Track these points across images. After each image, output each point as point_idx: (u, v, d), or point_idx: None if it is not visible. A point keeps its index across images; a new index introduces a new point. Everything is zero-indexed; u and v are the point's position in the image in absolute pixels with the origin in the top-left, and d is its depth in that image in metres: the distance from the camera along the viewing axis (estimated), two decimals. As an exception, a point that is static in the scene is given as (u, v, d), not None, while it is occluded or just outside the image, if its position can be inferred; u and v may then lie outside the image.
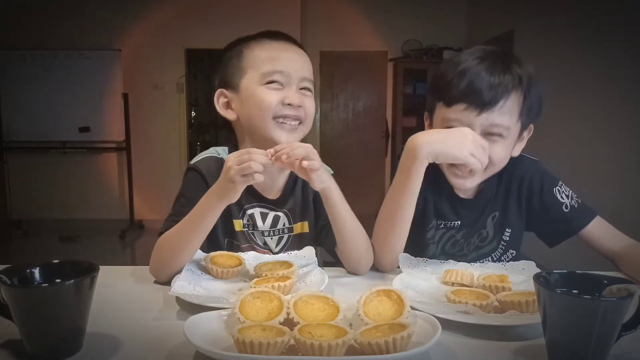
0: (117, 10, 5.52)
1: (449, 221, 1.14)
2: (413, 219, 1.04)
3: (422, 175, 0.99)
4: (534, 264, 0.97)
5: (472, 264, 1.00)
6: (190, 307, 0.79)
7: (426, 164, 0.98)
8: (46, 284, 0.67)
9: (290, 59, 1.07)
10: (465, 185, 1.07)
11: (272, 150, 0.90)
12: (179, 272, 0.92)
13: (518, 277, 0.92)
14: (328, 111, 6.26)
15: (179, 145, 5.80)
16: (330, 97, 6.24)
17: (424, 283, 0.91)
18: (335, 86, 6.23)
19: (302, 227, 1.13)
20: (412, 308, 0.72)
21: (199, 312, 0.71)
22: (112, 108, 5.46)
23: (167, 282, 0.92)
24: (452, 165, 1.04)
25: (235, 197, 0.91)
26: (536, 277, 0.64)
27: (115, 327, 0.73)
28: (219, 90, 1.11)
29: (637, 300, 0.61)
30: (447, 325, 0.70)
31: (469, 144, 0.95)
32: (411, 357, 0.60)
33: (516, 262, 1.00)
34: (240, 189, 0.90)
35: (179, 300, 0.82)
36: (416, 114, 5.99)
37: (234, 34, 1.12)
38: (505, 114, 1.00)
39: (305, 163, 0.89)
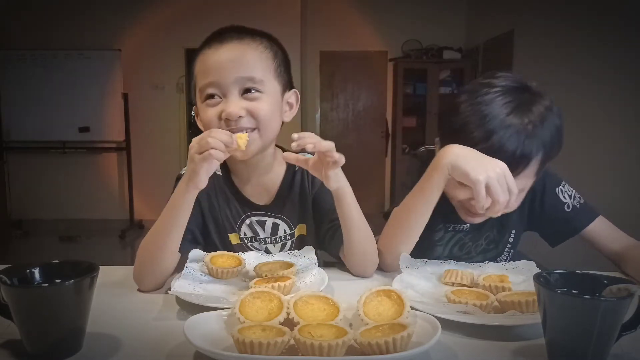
0: (117, 10, 5.52)
1: (458, 224, 1.13)
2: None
3: (442, 186, 0.93)
4: (534, 264, 0.97)
5: (472, 264, 1.00)
6: (190, 307, 0.79)
7: (446, 174, 0.91)
8: (46, 284, 0.67)
9: (220, 64, 0.95)
10: (474, 221, 1.05)
11: (295, 135, 0.84)
12: (161, 278, 0.91)
13: (518, 277, 0.92)
14: (328, 111, 6.26)
15: (179, 145, 5.79)
16: (330, 97, 6.24)
17: (424, 283, 0.91)
18: (335, 86, 6.22)
19: (300, 230, 1.10)
20: (412, 308, 0.72)
21: (199, 312, 0.71)
22: (112, 108, 5.46)
23: (151, 290, 0.90)
24: (461, 201, 1.01)
25: (199, 181, 0.85)
26: (536, 277, 0.64)
27: (115, 327, 0.73)
28: (194, 107, 1.06)
29: (637, 300, 0.61)
30: (447, 325, 0.70)
31: (491, 173, 0.85)
32: (411, 357, 0.60)
33: (516, 262, 0.99)
34: (201, 169, 0.84)
35: (179, 300, 0.82)
36: (416, 114, 6.00)
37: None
38: (522, 179, 0.94)
39: (336, 155, 0.85)
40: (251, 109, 0.95)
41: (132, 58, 5.54)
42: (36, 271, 0.68)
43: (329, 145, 0.85)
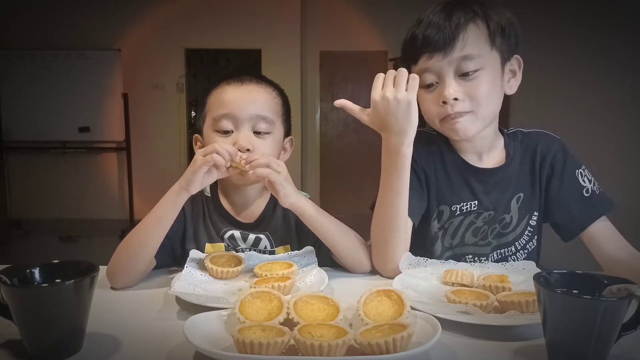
0: (117, 10, 5.51)
1: (464, 202, 1.06)
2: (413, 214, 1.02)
3: (410, 166, 0.97)
4: (534, 264, 0.97)
5: (472, 264, 1.00)
6: (190, 307, 0.79)
7: (411, 151, 0.95)
8: (46, 284, 0.67)
9: (240, 100, 1.04)
10: (468, 130, 0.99)
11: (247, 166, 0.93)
12: (134, 278, 0.93)
13: (518, 277, 0.92)
14: (328, 111, 6.25)
15: (179, 145, 5.79)
16: (330, 97, 6.23)
17: (424, 283, 0.91)
18: (335, 86, 6.22)
19: (285, 250, 1.10)
20: (412, 308, 0.72)
21: (199, 312, 0.71)
22: (112, 108, 5.45)
23: (121, 288, 0.92)
24: (443, 120, 1.00)
25: (192, 184, 0.91)
26: (536, 277, 0.64)
27: (115, 327, 0.73)
28: (195, 135, 1.13)
29: (637, 300, 0.61)
30: (447, 325, 0.70)
31: (410, 92, 0.92)
32: (411, 357, 0.60)
33: (516, 262, 0.99)
34: (199, 172, 0.90)
35: (179, 300, 0.82)
36: (416, 114, 5.98)
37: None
38: (471, 45, 0.96)
39: (262, 171, 0.92)
40: (258, 146, 1.03)
41: (132, 58, 5.54)
42: (36, 271, 0.68)
43: (262, 160, 0.93)
